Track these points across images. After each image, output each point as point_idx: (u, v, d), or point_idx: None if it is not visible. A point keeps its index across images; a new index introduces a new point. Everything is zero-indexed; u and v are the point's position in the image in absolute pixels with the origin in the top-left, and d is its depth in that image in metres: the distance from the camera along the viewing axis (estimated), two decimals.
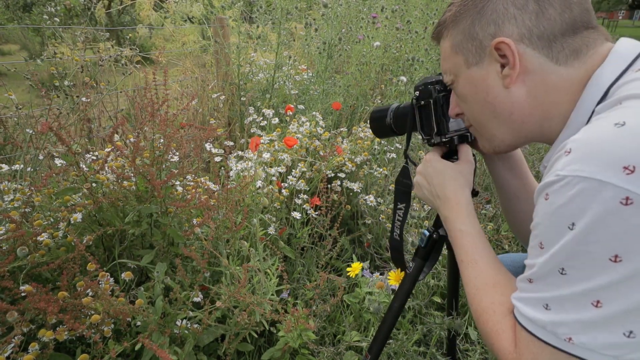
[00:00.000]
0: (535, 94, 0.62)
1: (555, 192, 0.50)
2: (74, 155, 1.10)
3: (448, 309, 0.99)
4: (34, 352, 0.94)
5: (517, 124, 0.66)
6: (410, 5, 3.47)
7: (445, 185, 0.78)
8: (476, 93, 0.67)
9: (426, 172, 0.81)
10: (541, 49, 0.60)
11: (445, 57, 0.71)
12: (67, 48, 2.54)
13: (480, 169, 2.51)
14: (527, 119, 0.65)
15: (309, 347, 1.25)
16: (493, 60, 0.63)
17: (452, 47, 0.68)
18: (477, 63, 0.65)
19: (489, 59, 0.64)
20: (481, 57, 0.65)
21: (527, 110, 0.64)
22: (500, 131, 0.68)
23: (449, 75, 0.71)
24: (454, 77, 0.70)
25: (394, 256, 0.92)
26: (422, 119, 0.80)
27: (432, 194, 0.80)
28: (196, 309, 1.14)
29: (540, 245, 0.53)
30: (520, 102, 0.64)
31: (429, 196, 0.81)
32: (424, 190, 0.82)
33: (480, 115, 0.69)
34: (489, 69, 0.64)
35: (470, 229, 0.73)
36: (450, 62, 0.70)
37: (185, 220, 1.31)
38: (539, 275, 0.53)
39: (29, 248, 1.05)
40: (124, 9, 8.37)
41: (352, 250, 1.89)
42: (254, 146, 1.48)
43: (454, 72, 0.70)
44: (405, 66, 2.86)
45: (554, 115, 0.62)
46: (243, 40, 2.61)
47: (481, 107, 0.68)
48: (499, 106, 0.65)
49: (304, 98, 2.63)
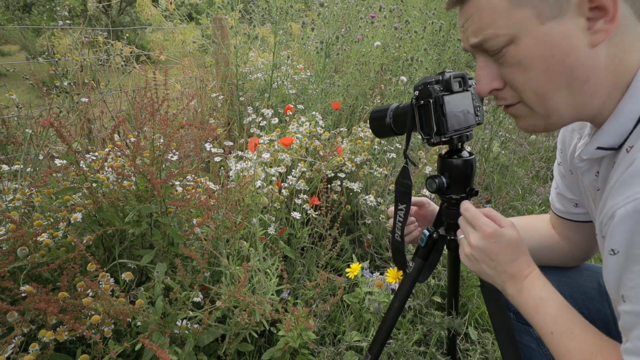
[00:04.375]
0: (615, 54, 0.53)
1: None
2: (75, 153, 1.10)
3: (448, 309, 0.99)
4: (34, 353, 0.94)
5: (587, 95, 0.56)
6: (409, 5, 3.47)
7: (516, 260, 0.68)
8: (551, 55, 0.55)
9: (489, 249, 0.69)
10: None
11: (494, 13, 0.57)
12: (68, 40, 2.54)
13: (480, 169, 2.51)
14: (599, 88, 0.55)
15: (309, 347, 1.25)
16: (578, 14, 0.53)
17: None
18: (556, 17, 0.53)
19: (574, 11, 0.53)
20: (562, 9, 0.53)
21: (603, 76, 0.54)
22: (566, 103, 0.58)
23: (502, 35, 0.57)
24: (511, 38, 0.57)
25: (395, 257, 0.92)
26: (421, 119, 0.80)
27: (495, 270, 0.69)
28: (196, 309, 1.14)
29: None
30: (600, 66, 0.54)
31: (490, 271, 0.70)
32: (483, 265, 0.71)
33: (547, 84, 0.57)
34: (571, 23, 0.53)
35: (551, 293, 0.64)
36: (507, 18, 0.56)
37: (185, 220, 1.31)
38: None
39: (29, 248, 1.05)
40: (124, 9, 8.37)
41: (352, 250, 1.89)
42: (253, 146, 1.48)
43: (513, 31, 0.56)
44: (405, 66, 2.86)
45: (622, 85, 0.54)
46: (241, 41, 2.61)
47: (553, 73, 0.56)
48: (577, 70, 0.55)
49: (303, 98, 2.63)
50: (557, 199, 0.89)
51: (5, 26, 7.57)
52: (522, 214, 2.26)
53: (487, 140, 2.56)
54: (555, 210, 0.91)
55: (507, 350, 0.77)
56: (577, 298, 0.89)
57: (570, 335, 0.59)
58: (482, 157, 2.55)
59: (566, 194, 0.86)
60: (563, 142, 0.83)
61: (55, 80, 1.97)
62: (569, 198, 0.86)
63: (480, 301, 1.61)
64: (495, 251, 0.69)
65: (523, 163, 2.76)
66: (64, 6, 2.39)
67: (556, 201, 0.89)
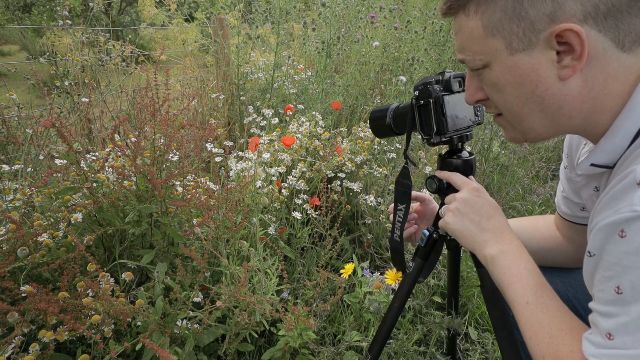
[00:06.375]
0: (592, 85, 0.54)
1: (637, 230, 0.45)
2: (75, 153, 1.10)
3: (448, 309, 0.99)
4: (35, 353, 0.94)
5: (563, 118, 0.57)
6: (409, 5, 3.47)
7: (498, 219, 0.70)
8: (520, 84, 0.57)
9: (474, 201, 0.71)
10: (607, 31, 0.50)
11: (471, 38, 0.59)
12: (68, 40, 2.54)
13: (480, 169, 2.51)
14: (576, 113, 0.56)
15: (309, 346, 1.25)
16: (548, 47, 0.53)
17: (487, 27, 0.56)
18: (525, 49, 0.55)
19: (543, 45, 0.53)
20: (531, 42, 0.54)
21: (578, 103, 0.55)
22: (542, 125, 0.59)
23: (477, 59, 0.60)
24: (485, 63, 0.59)
25: (394, 257, 0.92)
26: (421, 119, 0.80)
27: (478, 226, 0.70)
28: (196, 309, 1.14)
29: (617, 290, 0.48)
30: (573, 95, 0.55)
31: (472, 227, 0.71)
32: (466, 220, 0.71)
33: (520, 108, 0.59)
34: (540, 56, 0.54)
35: (535, 267, 0.65)
36: (480, 45, 0.58)
37: (185, 220, 1.31)
38: (628, 328, 0.47)
39: (30, 248, 1.05)
40: (124, 9, 8.37)
41: (352, 250, 1.89)
42: (253, 146, 1.48)
43: (487, 57, 0.58)
44: (405, 66, 2.86)
45: (605, 109, 0.55)
46: (242, 41, 2.61)
47: (524, 100, 0.58)
48: (548, 99, 0.56)
49: (303, 98, 2.64)
50: (563, 202, 0.88)
51: (5, 26, 7.57)
52: (522, 214, 2.26)
53: (487, 140, 2.56)
54: (561, 213, 0.89)
55: (507, 350, 0.77)
56: (580, 299, 0.89)
57: (545, 309, 0.60)
58: (482, 157, 2.55)
59: (573, 197, 0.84)
60: (570, 146, 0.81)
61: (56, 80, 1.97)
62: (575, 202, 0.84)
63: (480, 301, 1.61)
64: (479, 204, 0.71)
65: (523, 163, 2.76)
66: (64, 6, 2.39)
67: (562, 204, 0.88)
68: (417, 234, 0.96)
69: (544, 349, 0.58)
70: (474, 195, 0.72)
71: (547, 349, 0.58)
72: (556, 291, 0.64)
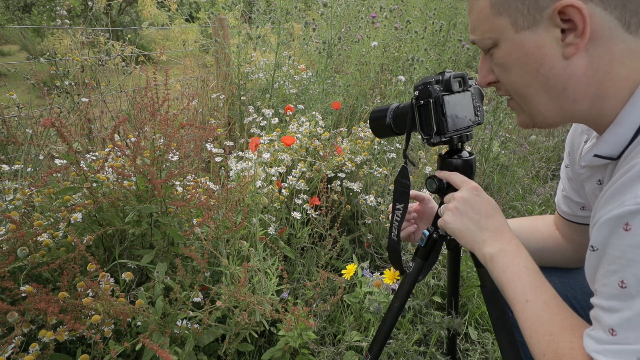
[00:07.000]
0: (597, 66, 0.53)
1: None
2: (75, 153, 1.10)
3: (448, 309, 0.99)
4: (35, 353, 0.94)
5: (568, 101, 0.57)
6: (409, 5, 3.47)
7: (497, 218, 0.71)
8: (526, 63, 0.57)
9: (473, 200, 0.72)
10: (613, 9, 0.50)
11: (480, 17, 0.60)
12: (70, 39, 2.54)
13: (480, 169, 2.51)
14: (581, 96, 0.56)
15: (309, 347, 1.25)
16: (552, 25, 0.53)
17: (494, 5, 0.57)
18: (530, 27, 0.55)
19: (548, 22, 0.54)
20: (536, 20, 0.54)
21: (583, 85, 0.55)
22: (547, 107, 0.60)
23: (486, 38, 0.60)
24: (494, 42, 0.60)
25: (391, 257, 0.92)
26: (421, 119, 0.80)
27: (477, 225, 0.71)
28: (196, 309, 1.14)
29: (621, 284, 0.47)
30: (578, 75, 0.55)
31: (472, 226, 0.71)
32: (465, 219, 0.71)
33: (525, 88, 0.60)
34: (545, 34, 0.54)
35: (534, 265, 0.65)
36: (488, 23, 0.59)
37: (185, 220, 1.31)
38: (632, 323, 0.47)
39: (29, 248, 1.05)
40: (124, 9, 8.37)
41: (352, 250, 1.89)
42: (253, 146, 1.48)
43: (494, 36, 0.59)
44: (405, 66, 2.86)
45: (610, 95, 0.54)
46: (243, 41, 2.61)
47: (530, 79, 0.58)
48: (552, 79, 0.56)
49: (304, 98, 2.64)
50: (563, 202, 0.88)
51: (5, 26, 7.57)
52: (522, 214, 2.26)
53: (487, 140, 2.56)
54: (561, 213, 0.90)
55: (507, 350, 0.77)
56: (580, 299, 0.89)
57: (545, 307, 0.60)
58: (482, 157, 2.55)
59: (573, 197, 0.84)
60: (572, 144, 0.81)
61: (56, 80, 1.97)
62: (575, 201, 0.84)
63: (480, 301, 1.60)
64: (478, 203, 0.71)
65: (523, 163, 2.76)
66: (63, 6, 2.40)
67: (562, 203, 0.88)
68: (417, 234, 0.97)
69: (545, 346, 0.58)
70: (473, 195, 0.73)
71: (547, 346, 0.58)
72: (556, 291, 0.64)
